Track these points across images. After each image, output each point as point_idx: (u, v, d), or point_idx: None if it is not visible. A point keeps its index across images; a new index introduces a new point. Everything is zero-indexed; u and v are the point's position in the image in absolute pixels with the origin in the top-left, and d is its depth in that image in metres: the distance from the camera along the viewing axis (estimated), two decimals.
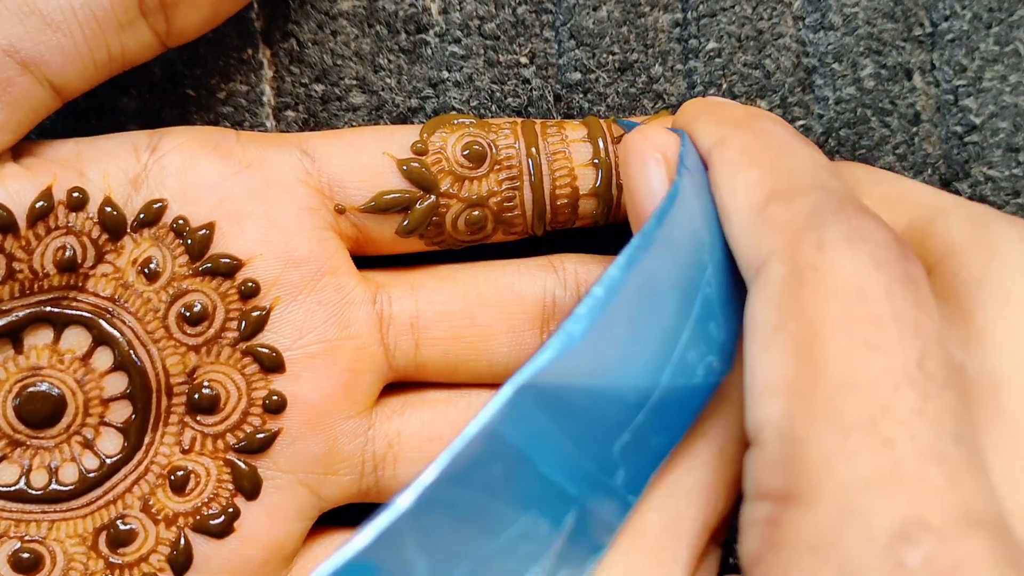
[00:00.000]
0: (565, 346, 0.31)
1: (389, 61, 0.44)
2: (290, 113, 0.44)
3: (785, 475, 0.29)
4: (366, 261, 0.42)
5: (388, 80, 0.44)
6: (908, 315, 0.30)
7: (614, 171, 0.41)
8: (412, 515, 0.29)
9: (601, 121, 0.42)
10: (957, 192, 0.45)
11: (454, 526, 0.30)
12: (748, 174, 0.33)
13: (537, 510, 0.31)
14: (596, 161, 0.41)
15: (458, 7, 0.44)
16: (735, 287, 0.34)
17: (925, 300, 0.31)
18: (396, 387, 0.43)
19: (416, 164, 0.40)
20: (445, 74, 0.44)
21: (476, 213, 0.41)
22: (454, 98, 0.44)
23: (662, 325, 0.32)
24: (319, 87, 0.44)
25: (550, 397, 0.31)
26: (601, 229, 0.45)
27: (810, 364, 0.29)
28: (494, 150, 0.41)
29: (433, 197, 0.40)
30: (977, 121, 0.45)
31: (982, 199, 0.45)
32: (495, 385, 0.43)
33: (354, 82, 0.44)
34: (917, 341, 0.29)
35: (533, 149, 0.41)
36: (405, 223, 0.41)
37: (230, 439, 0.40)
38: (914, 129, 0.45)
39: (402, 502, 0.29)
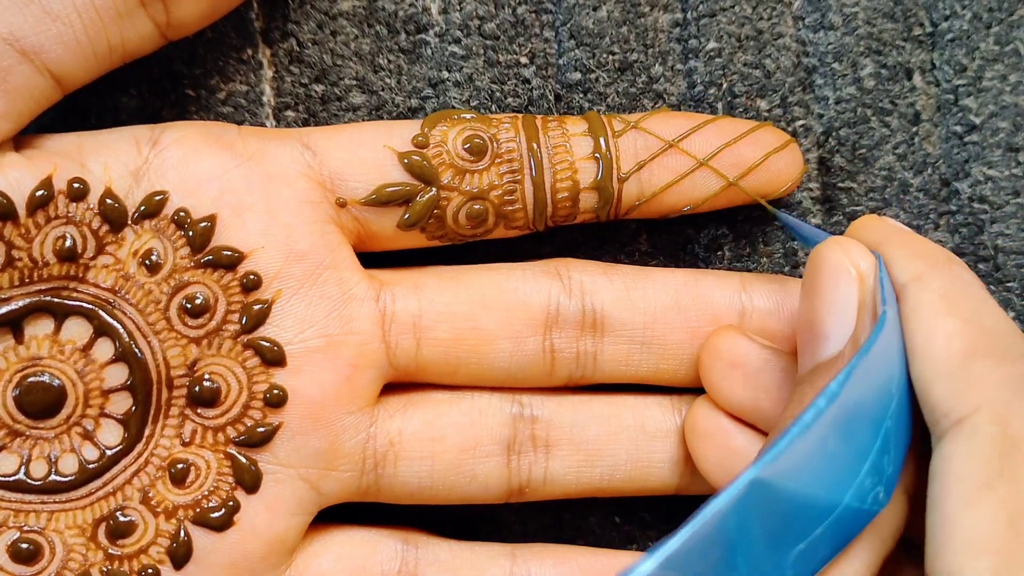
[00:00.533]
0: (791, 444, 0.32)
1: (389, 61, 0.44)
2: (290, 113, 0.44)
3: None
4: (371, 259, 0.42)
5: (388, 80, 0.44)
6: None
7: (615, 165, 0.41)
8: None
9: (602, 116, 0.42)
10: (958, 193, 0.45)
11: None
12: (947, 322, 0.34)
13: None
14: (597, 155, 0.41)
15: (458, 7, 0.44)
16: (906, 427, 0.35)
17: None
18: (399, 386, 0.43)
19: (417, 157, 0.40)
20: (445, 74, 0.44)
21: (477, 206, 0.41)
22: (454, 98, 0.44)
23: (855, 448, 0.33)
24: (319, 87, 0.44)
25: (766, 493, 0.31)
26: (602, 226, 0.45)
27: (1021, 532, 0.30)
28: (495, 144, 0.41)
29: (434, 190, 0.40)
30: (977, 121, 0.45)
31: (982, 199, 0.45)
32: (495, 389, 0.43)
33: (354, 82, 0.44)
34: None
35: (534, 143, 0.41)
36: (406, 216, 0.41)
37: (231, 432, 0.40)
38: (914, 129, 0.45)
39: (644, 569, 0.29)
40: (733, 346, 0.41)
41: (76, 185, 0.38)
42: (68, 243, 0.38)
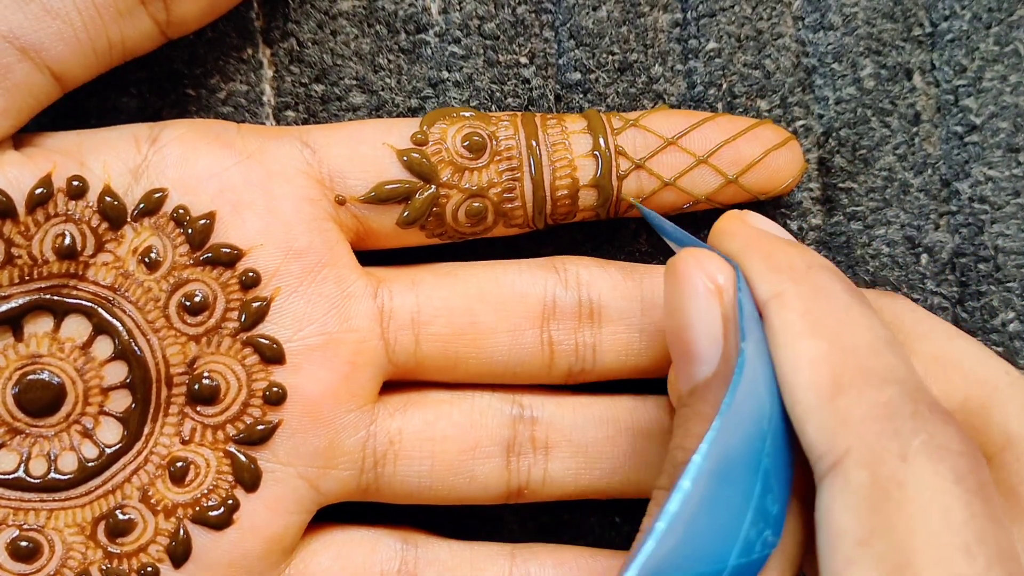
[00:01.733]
0: (662, 540, 0.31)
1: (389, 61, 0.44)
2: (290, 113, 0.44)
3: None
4: (369, 259, 0.42)
5: (388, 80, 0.44)
6: (990, 536, 0.30)
7: (614, 162, 0.41)
8: None
9: (601, 114, 0.42)
10: (958, 193, 0.45)
11: None
12: (811, 346, 0.33)
13: None
14: (596, 152, 0.41)
15: (458, 7, 0.44)
16: (786, 455, 0.34)
17: (997, 510, 0.31)
18: (399, 386, 0.43)
19: (416, 154, 0.40)
20: (445, 74, 0.44)
21: (476, 204, 0.41)
22: (454, 98, 0.44)
23: (732, 507, 0.32)
24: (319, 87, 0.44)
25: None
26: (602, 226, 0.45)
27: None
28: (494, 141, 0.41)
29: (433, 187, 0.40)
30: (977, 121, 0.45)
31: (982, 199, 0.45)
32: (495, 388, 0.43)
33: (354, 82, 0.44)
34: (1004, 567, 0.30)
35: (533, 141, 0.41)
36: (405, 214, 0.41)
37: (230, 430, 0.40)
38: (914, 129, 0.45)
39: None
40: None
41: (75, 183, 0.38)
42: (67, 241, 0.38)
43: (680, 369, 0.35)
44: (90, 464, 0.39)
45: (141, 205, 0.39)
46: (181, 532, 0.39)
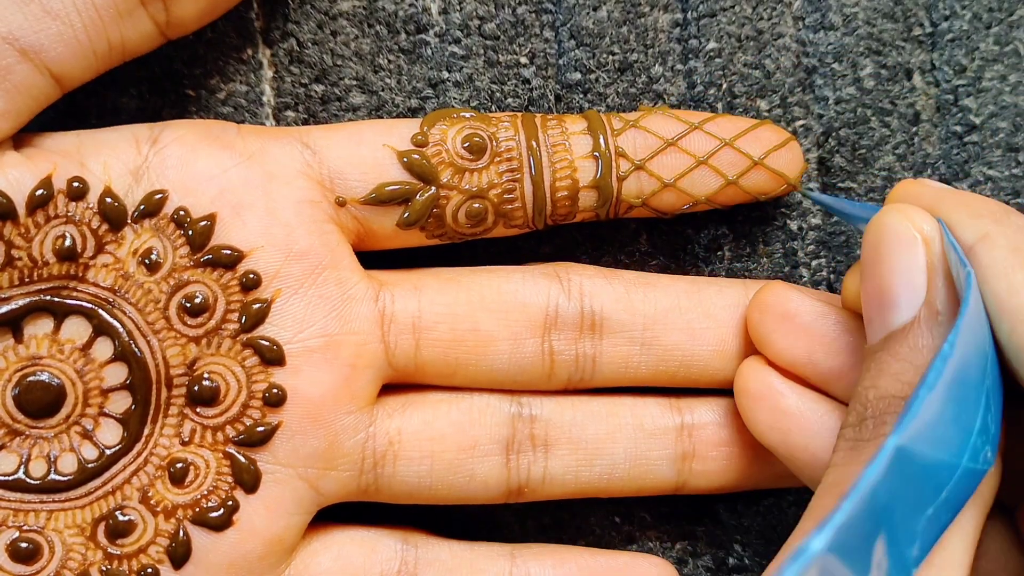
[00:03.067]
0: (921, 407, 0.31)
1: (389, 61, 0.44)
2: (290, 113, 0.44)
3: None
4: (369, 258, 0.42)
5: (388, 80, 0.44)
6: None
7: (614, 163, 0.41)
8: (820, 558, 0.29)
9: (601, 115, 0.42)
10: None
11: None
12: None
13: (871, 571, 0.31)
14: (596, 154, 0.41)
15: (458, 7, 0.44)
16: (1000, 386, 0.35)
17: None
18: (398, 387, 0.43)
19: (416, 156, 0.40)
20: (445, 74, 0.44)
21: (476, 205, 0.41)
22: (454, 98, 0.44)
23: (967, 408, 0.33)
24: (319, 87, 0.44)
25: (904, 458, 0.31)
26: (602, 226, 0.45)
27: None
28: (494, 142, 0.41)
29: (433, 188, 0.40)
30: (977, 121, 0.45)
31: None
32: (493, 390, 0.43)
33: (354, 82, 0.44)
34: None
35: (533, 142, 0.41)
36: (406, 215, 0.41)
37: (230, 432, 0.40)
38: (914, 129, 0.45)
39: (816, 544, 0.29)
40: (784, 298, 0.41)
41: (76, 184, 0.38)
42: (68, 242, 0.38)
43: (875, 318, 0.36)
44: (90, 465, 0.39)
45: (141, 206, 0.39)
46: (181, 533, 0.39)
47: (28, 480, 0.39)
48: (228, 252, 0.39)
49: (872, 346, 0.36)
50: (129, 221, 0.39)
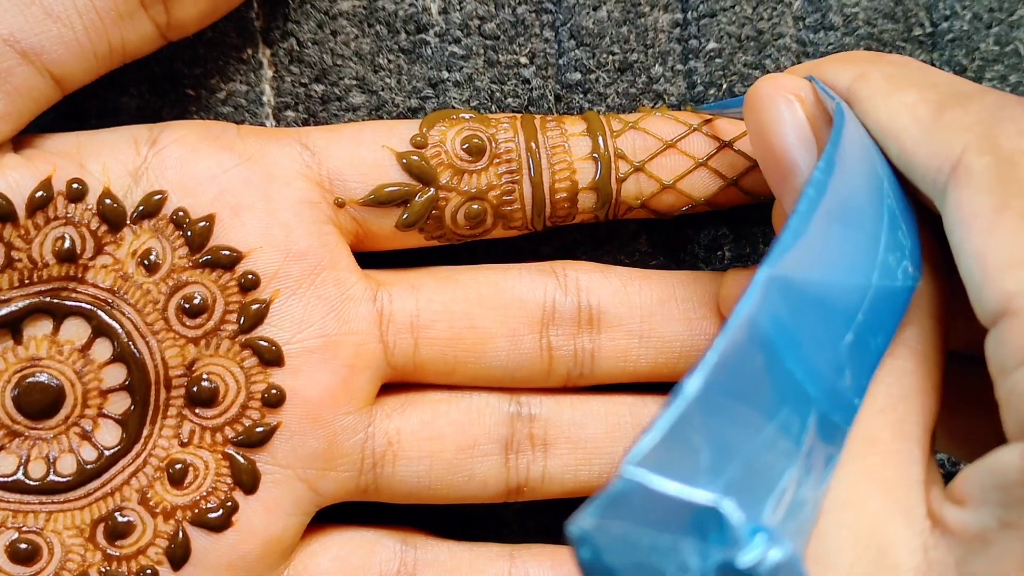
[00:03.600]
0: (796, 236, 0.31)
1: (389, 61, 0.44)
2: (290, 113, 0.44)
3: None
4: (369, 261, 0.42)
5: (388, 80, 0.44)
6: None
7: (613, 165, 0.41)
8: (700, 400, 0.28)
9: (601, 116, 0.42)
10: None
11: (728, 415, 0.29)
12: (904, 96, 0.34)
13: (788, 407, 0.30)
14: (595, 155, 0.41)
15: (458, 7, 0.44)
16: (907, 204, 0.35)
17: None
18: (396, 386, 0.43)
19: (415, 157, 0.40)
20: (445, 74, 0.44)
21: (475, 206, 0.41)
22: (454, 98, 0.44)
23: (864, 228, 0.33)
24: (319, 87, 0.44)
25: (789, 289, 0.30)
26: (602, 226, 0.45)
27: None
28: (493, 144, 0.41)
29: (432, 190, 0.40)
30: None
31: None
32: (493, 388, 0.43)
33: (354, 82, 0.44)
34: None
35: (532, 143, 0.41)
36: (405, 216, 0.41)
37: (229, 432, 0.40)
38: None
39: (691, 386, 0.28)
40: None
41: (75, 186, 0.38)
42: (67, 244, 0.38)
43: (783, 188, 0.36)
44: (89, 466, 0.39)
45: (140, 207, 0.39)
46: (180, 534, 0.39)
47: (27, 481, 0.39)
48: (227, 253, 0.39)
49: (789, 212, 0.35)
50: (128, 222, 0.39)
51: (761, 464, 0.30)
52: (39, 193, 0.38)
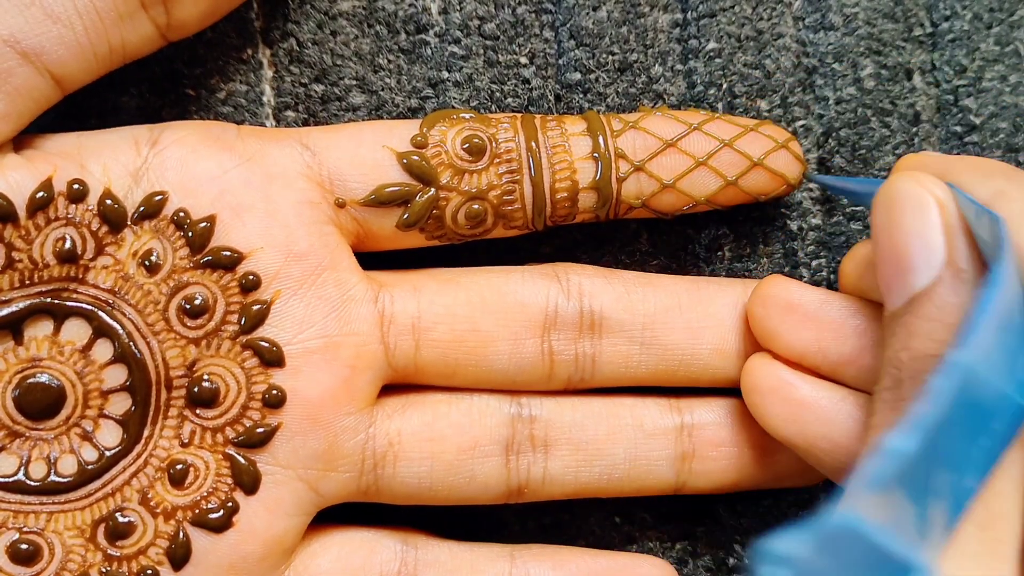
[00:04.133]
0: (981, 328, 0.31)
1: (389, 61, 0.44)
2: (290, 113, 0.44)
3: None
4: (370, 263, 0.42)
5: (388, 80, 0.44)
6: None
7: (613, 165, 0.41)
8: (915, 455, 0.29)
9: (601, 116, 0.42)
10: None
11: (926, 473, 0.30)
12: None
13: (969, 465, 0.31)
14: (596, 155, 0.41)
15: (458, 7, 0.44)
16: None
17: None
18: (397, 387, 0.43)
19: (416, 157, 0.40)
20: (445, 74, 0.44)
21: (476, 206, 0.41)
22: (454, 98, 0.44)
23: (1014, 343, 0.32)
24: (319, 87, 0.44)
25: (965, 378, 0.30)
26: (603, 226, 0.45)
27: None
28: (494, 144, 0.41)
29: (433, 190, 0.40)
30: (977, 121, 0.45)
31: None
32: (493, 391, 0.43)
33: (354, 82, 0.44)
34: None
35: (533, 143, 0.41)
36: (405, 216, 0.41)
37: (229, 433, 0.40)
38: (914, 129, 0.45)
39: (907, 443, 0.29)
40: (786, 289, 0.41)
41: (76, 186, 0.38)
42: (68, 245, 0.38)
43: (893, 285, 0.36)
44: (90, 467, 0.39)
45: (141, 208, 0.39)
46: (181, 535, 0.39)
47: (28, 482, 0.39)
48: (228, 253, 0.39)
49: (894, 312, 0.35)
50: (129, 223, 0.39)
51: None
52: (40, 194, 0.38)
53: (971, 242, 0.35)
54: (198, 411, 0.40)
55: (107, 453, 0.39)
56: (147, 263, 0.39)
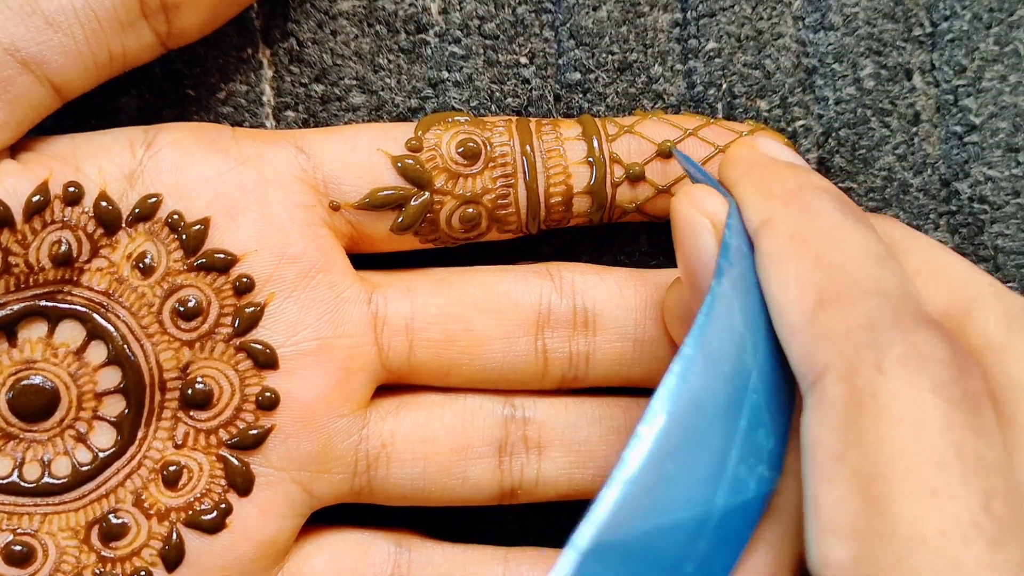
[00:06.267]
0: (620, 499, 0.30)
1: (389, 61, 0.44)
2: (290, 113, 0.44)
3: None
4: (363, 263, 0.43)
5: (388, 80, 0.44)
6: (969, 448, 0.29)
7: (608, 169, 0.41)
8: None
9: (596, 120, 0.42)
10: (958, 193, 0.45)
11: None
12: (798, 266, 0.33)
13: None
14: (591, 159, 0.41)
15: (458, 7, 0.44)
16: (783, 384, 0.34)
17: (985, 422, 0.30)
18: (391, 388, 0.43)
19: (410, 161, 0.40)
20: (445, 74, 0.44)
21: (470, 210, 0.41)
22: (454, 98, 0.44)
23: (711, 448, 0.32)
24: (319, 87, 0.44)
25: (610, 551, 0.30)
26: (596, 228, 0.45)
27: (876, 510, 0.29)
28: (489, 147, 0.41)
29: (427, 194, 0.41)
30: (977, 121, 0.45)
31: (982, 199, 0.45)
32: (487, 390, 0.43)
33: (354, 82, 0.44)
34: (981, 480, 0.29)
35: (528, 147, 0.41)
36: (399, 220, 0.41)
37: (223, 435, 0.40)
38: (914, 129, 0.45)
39: None
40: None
41: (71, 189, 0.38)
42: (64, 248, 0.38)
43: (695, 301, 0.35)
44: (84, 469, 0.39)
45: (136, 210, 0.39)
46: (174, 536, 0.39)
47: (22, 483, 0.39)
48: (221, 256, 0.39)
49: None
50: (123, 225, 0.39)
51: None
52: (36, 197, 0.38)
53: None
54: (192, 413, 0.40)
55: (101, 455, 0.39)
56: (141, 265, 0.39)
